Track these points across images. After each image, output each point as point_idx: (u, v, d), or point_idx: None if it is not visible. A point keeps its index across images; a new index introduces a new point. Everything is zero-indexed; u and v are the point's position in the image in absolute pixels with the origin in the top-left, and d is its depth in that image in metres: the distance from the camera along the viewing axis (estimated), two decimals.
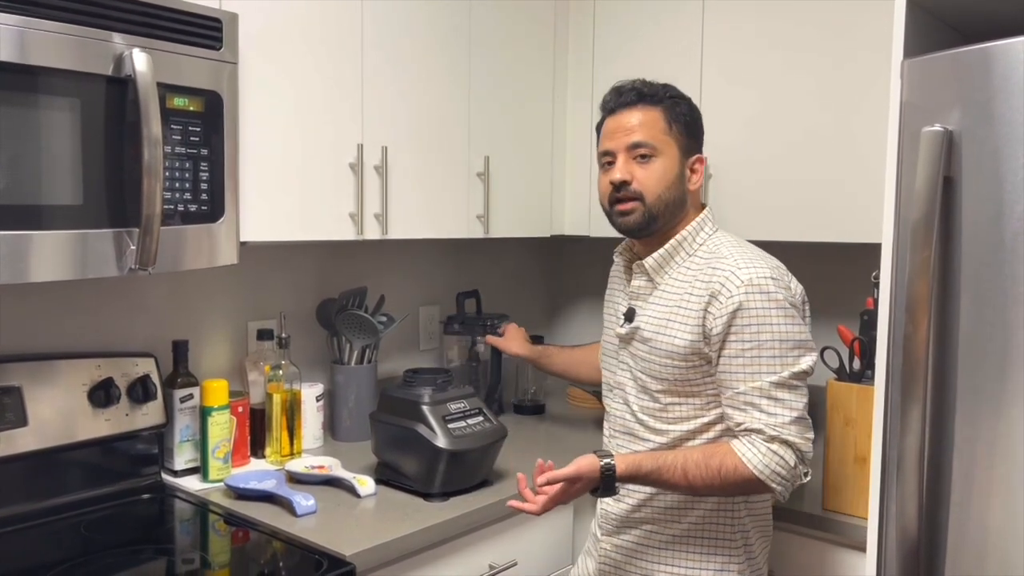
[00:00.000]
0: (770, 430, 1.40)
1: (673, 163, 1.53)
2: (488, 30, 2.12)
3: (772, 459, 1.39)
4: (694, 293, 1.47)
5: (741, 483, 1.41)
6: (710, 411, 1.49)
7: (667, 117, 1.53)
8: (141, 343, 1.80)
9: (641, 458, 1.44)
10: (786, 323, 1.42)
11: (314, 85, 1.75)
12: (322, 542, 1.48)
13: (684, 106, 1.57)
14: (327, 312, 2.11)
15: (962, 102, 1.24)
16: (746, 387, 1.42)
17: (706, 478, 1.41)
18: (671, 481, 1.43)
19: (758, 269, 1.44)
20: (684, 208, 1.55)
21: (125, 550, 1.50)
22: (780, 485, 1.41)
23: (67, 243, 1.33)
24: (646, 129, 1.53)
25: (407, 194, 1.95)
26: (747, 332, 1.41)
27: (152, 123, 1.35)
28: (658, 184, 1.52)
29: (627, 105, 1.55)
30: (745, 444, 1.41)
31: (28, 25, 1.26)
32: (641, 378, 1.54)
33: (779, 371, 1.41)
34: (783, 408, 1.41)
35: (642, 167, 1.52)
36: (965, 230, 1.25)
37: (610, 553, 1.62)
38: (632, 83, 1.58)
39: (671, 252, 1.54)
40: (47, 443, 1.58)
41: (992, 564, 1.24)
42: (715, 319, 1.43)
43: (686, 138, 1.55)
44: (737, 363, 1.42)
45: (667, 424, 1.52)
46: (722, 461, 1.41)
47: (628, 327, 1.57)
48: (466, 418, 1.75)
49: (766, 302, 1.41)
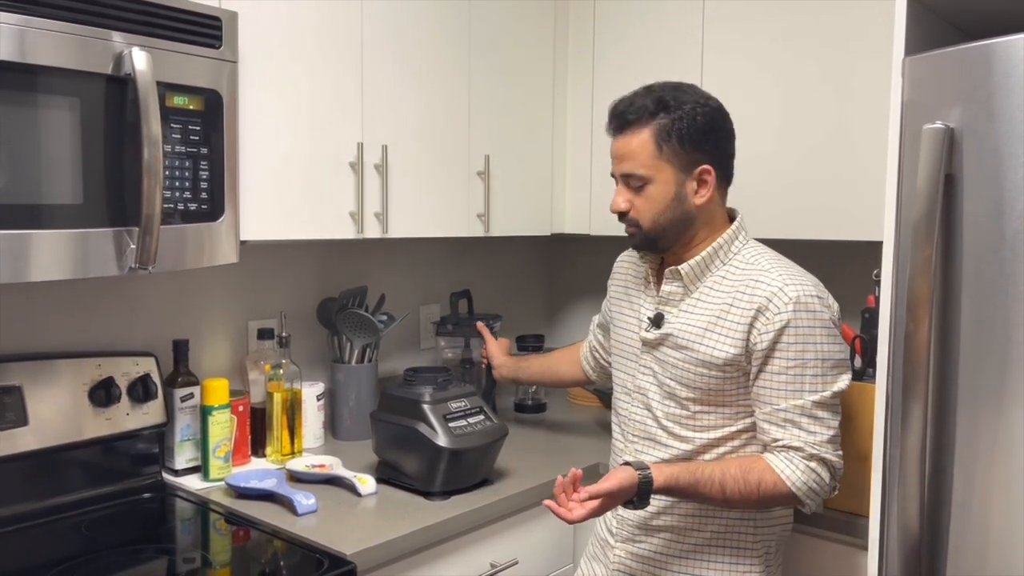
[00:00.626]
0: (809, 448, 1.40)
1: (667, 186, 1.48)
2: (488, 28, 2.12)
3: (810, 477, 1.40)
4: (737, 305, 1.45)
5: (778, 498, 1.42)
6: (738, 421, 1.48)
7: (657, 138, 1.46)
8: (141, 342, 1.80)
9: (678, 471, 1.41)
10: (829, 342, 1.42)
11: (314, 83, 1.75)
12: (323, 541, 1.48)
13: (681, 116, 1.46)
14: (327, 311, 2.11)
15: (963, 99, 1.24)
16: (787, 404, 1.41)
17: (744, 493, 1.40)
18: (707, 495, 1.41)
19: (805, 287, 1.43)
20: (693, 224, 1.50)
21: (126, 549, 1.50)
22: (813, 501, 1.43)
23: (67, 242, 1.32)
24: (634, 158, 1.48)
25: (407, 193, 1.95)
26: (792, 350, 1.41)
27: (152, 122, 1.35)
28: (651, 211, 1.49)
29: (617, 131, 1.52)
30: (783, 461, 1.41)
31: (28, 24, 1.25)
32: (668, 384, 1.51)
33: (820, 390, 1.41)
34: (822, 427, 1.41)
35: (637, 195, 1.50)
36: (966, 228, 1.25)
37: (625, 560, 1.59)
38: (625, 101, 1.51)
39: (707, 260, 1.50)
40: (48, 442, 1.58)
41: (993, 561, 1.24)
42: (761, 334, 1.42)
43: (685, 153, 1.47)
44: (780, 380, 1.42)
45: (693, 432, 1.50)
46: (761, 477, 1.40)
47: (657, 332, 1.53)
48: (467, 417, 1.75)
49: (812, 321, 1.41)
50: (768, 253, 1.52)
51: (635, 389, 1.59)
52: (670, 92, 1.49)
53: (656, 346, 1.54)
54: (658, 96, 1.48)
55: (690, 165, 1.48)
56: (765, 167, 1.99)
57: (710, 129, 1.49)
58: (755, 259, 1.50)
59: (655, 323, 1.54)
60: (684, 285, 1.52)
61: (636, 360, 1.59)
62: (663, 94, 1.48)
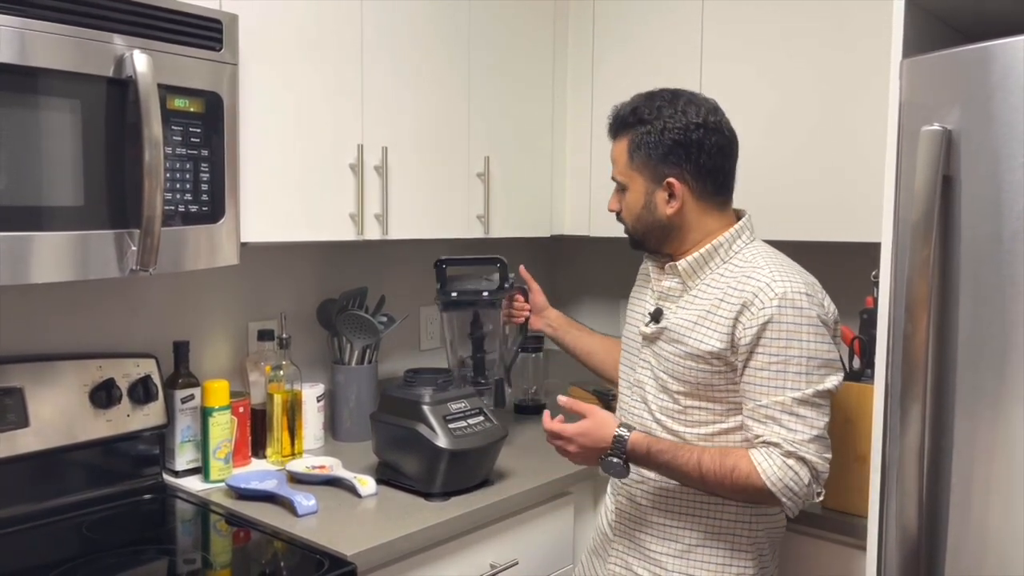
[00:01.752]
0: (788, 445, 1.40)
1: (638, 195, 1.54)
2: (487, 30, 2.12)
3: (787, 473, 1.39)
4: (726, 300, 1.46)
5: (752, 491, 1.41)
6: (729, 418, 1.49)
7: (630, 148, 1.53)
8: (142, 344, 1.80)
9: (656, 437, 1.48)
10: (815, 340, 1.41)
11: (314, 85, 1.75)
12: (323, 542, 1.48)
13: (649, 131, 1.50)
14: (327, 312, 2.11)
15: (961, 101, 1.25)
16: (769, 400, 1.42)
17: (719, 474, 1.41)
18: (684, 468, 1.43)
19: (793, 283, 1.43)
20: (672, 231, 1.53)
21: (127, 550, 1.51)
22: (791, 500, 1.41)
23: (68, 244, 1.33)
24: (616, 164, 1.57)
25: (407, 194, 1.95)
26: (775, 346, 1.41)
27: (153, 124, 1.35)
28: (629, 215, 1.57)
29: (610, 135, 1.59)
30: (762, 454, 1.41)
31: (28, 27, 1.26)
32: (662, 377, 1.53)
33: (803, 388, 1.41)
34: (803, 425, 1.41)
35: (623, 199, 1.58)
36: (964, 229, 1.25)
37: (622, 555, 1.60)
38: (617, 107, 1.58)
39: (705, 257, 1.52)
40: (49, 444, 1.58)
41: (991, 562, 1.25)
42: (745, 329, 1.42)
43: (652, 164, 1.51)
44: (762, 376, 1.42)
45: (685, 427, 1.51)
46: (736, 463, 1.41)
47: (655, 327, 1.55)
48: (467, 418, 1.75)
49: (798, 317, 1.41)
50: (767, 252, 1.52)
51: (635, 383, 1.61)
52: (651, 103, 1.52)
53: (654, 340, 1.56)
54: (636, 106, 1.54)
55: (658, 177, 1.52)
56: (763, 168, 2.00)
57: (680, 144, 1.49)
58: (753, 257, 1.50)
59: (654, 318, 1.56)
60: (682, 281, 1.54)
61: (637, 354, 1.61)
62: (642, 104, 1.53)
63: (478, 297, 1.96)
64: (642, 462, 1.47)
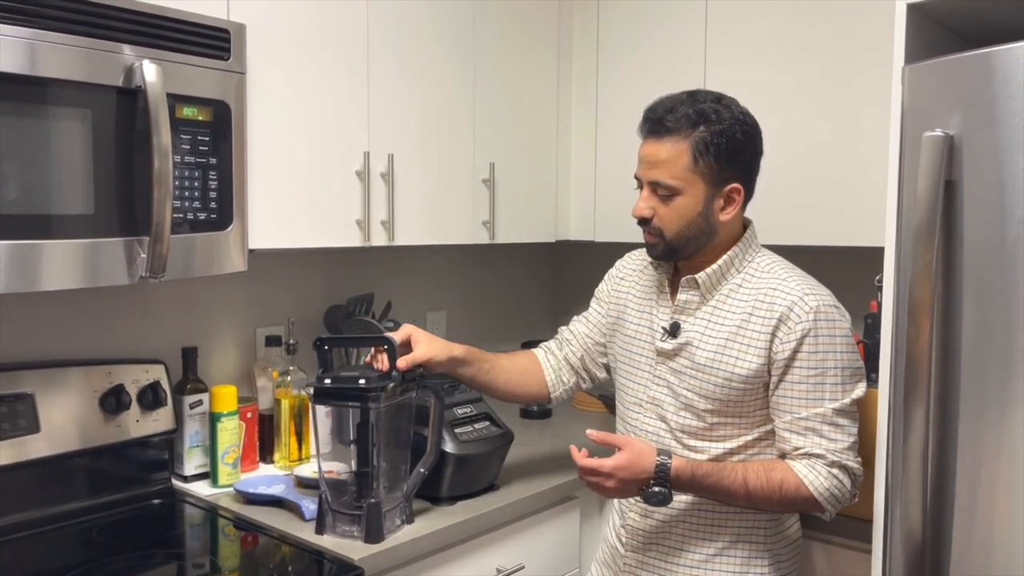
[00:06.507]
0: (831, 455, 1.41)
1: (696, 200, 1.44)
2: (492, 37, 2.13)
3: (833, 483, 1.40)
4: (756, 315, 1.44)
5: (800, 503, 1.42)
6: (753, 430, 1.48)
7: (695, 151, 1.42)
8: (151, 350, 1.82)
9: (698, 461, 1.44)
10: (847, 351, 1.43)
11: (321, 94, 1.76)
12: (330, 546, 1.49)
13: (721, 131, 1.42)
14: (335, 318, 2.12)
15: (963, 107, 1.25)
16: (808, 412, 1.42)
17: (767, 490, 1.41)
18: (731, 488, 1.41)
19: (822, 296, 1.44)
20: (714, 237, 1.48)
21: (136, 555, 1.52)
22: (834, 508, 1.43)
23: (78, 252, 1.34)
24: (668, 167, 1.43)
25: (413, 201, 1.96)
26: (813, 359, 1.41)
27: (162, 133, 1.37)
28: (677, 223, 1.46)
29: (652, 134, 1.46)
30: (806, 467, 1.41)
31: (39, 38, 1.28)
32: (686, 395, 1.49)
33: (840, 398, 1.42)
34: (842, 434, 1.42)
35: (664, 204, 1.46)
36: (967, 233, 1.26)
37: (635, 569, 1.59)
38: (667, 105, 1.45)
39: (724, 268, 1.49)
40: (59, 449, 1.60)
41: (997, 566, 1.25)
42: (782, 343, 1.42)
43: (719, 169, 1.43)
44: (800, 389, 1.42)
45: (708, 442, 1.49)
46: (784, 477, 1.41)
47: (673, 342, 1.51)
48: (473, 423, 1.76)
49: (831, 330, 1.42)
50: (780, 262, 1.52)
51: (648, 400, 1.56)
52: (712, 104, 1.44)
53: (672, 356, 1.52)
54: (701, 107, 1.43)
55: (721, 182, 1.45)
56: (767, 172, 1.99)
57: (746, 147, 1.46)
58: (770, 267, 1.49)
59: (671, 333, 1.52)
60: (701, 294, 1.51)
61: (650, 371, 1.56)
62: (706, 105, 1.44)
63: (353, 386, 1.52)
64: (686, 488, 1.43)
